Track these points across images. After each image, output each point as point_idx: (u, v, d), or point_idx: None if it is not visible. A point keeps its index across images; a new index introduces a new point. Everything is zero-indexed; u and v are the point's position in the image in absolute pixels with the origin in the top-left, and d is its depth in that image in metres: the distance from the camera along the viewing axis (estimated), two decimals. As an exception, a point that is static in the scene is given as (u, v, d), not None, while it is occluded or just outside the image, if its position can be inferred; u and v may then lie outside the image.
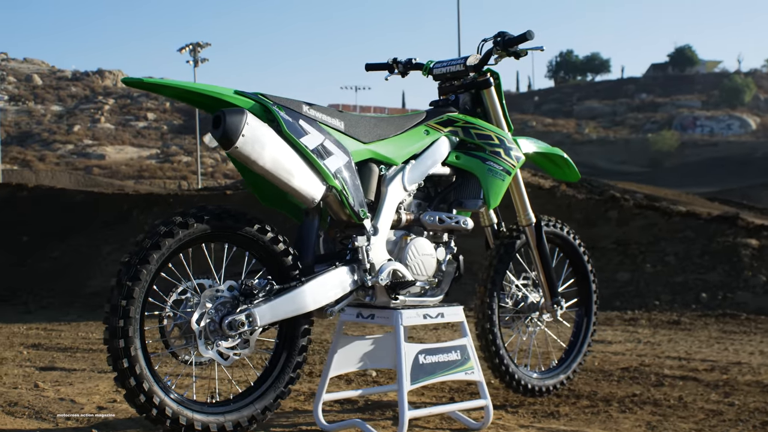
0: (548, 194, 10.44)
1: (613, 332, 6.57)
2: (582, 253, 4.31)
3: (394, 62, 4.00)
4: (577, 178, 4.30)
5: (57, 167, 69.56)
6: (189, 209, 2.97)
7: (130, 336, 2.80)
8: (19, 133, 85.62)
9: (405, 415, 3.22)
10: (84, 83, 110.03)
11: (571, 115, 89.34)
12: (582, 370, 4.86)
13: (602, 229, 9.55)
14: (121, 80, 2.90)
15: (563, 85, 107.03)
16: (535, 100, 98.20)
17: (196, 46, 54.05)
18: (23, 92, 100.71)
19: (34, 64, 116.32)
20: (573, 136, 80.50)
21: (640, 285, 8.44)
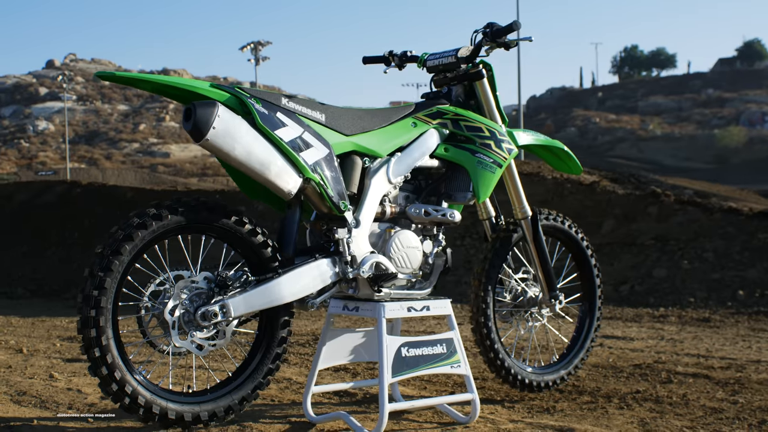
0: (588, 190, 10.31)
1: (638, 329, 6.46)
2: (585, 247, 4.25)
3: (390, 55, 3.99)
4: (579, 171, 4.23)
5: (123, 165, 71.01)
6: (164, 201, 3.01)
7: (101, 326, 2.84)
8: (87, 132, 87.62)
9: (385, 408, 3.21)
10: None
11: (636, 111, 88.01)
12: (593, 366, 4.80)
13: (641, 225, 9.39)
14: (95, 74, 2.94)
15: (628, 81, 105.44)
16: (599, 96, 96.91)
17: (258, 45, 54.65)
18: (91, 92, 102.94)
19: (101, 65, 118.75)
20: (637, 132, 79.33)
21: (676, 282, 8.28)
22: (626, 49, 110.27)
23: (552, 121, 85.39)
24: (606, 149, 73.78)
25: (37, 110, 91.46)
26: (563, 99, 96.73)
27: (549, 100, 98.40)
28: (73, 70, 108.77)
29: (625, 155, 69.48)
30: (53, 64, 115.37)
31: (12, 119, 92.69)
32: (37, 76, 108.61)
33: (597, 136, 79.20)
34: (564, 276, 4.27)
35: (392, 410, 3.42)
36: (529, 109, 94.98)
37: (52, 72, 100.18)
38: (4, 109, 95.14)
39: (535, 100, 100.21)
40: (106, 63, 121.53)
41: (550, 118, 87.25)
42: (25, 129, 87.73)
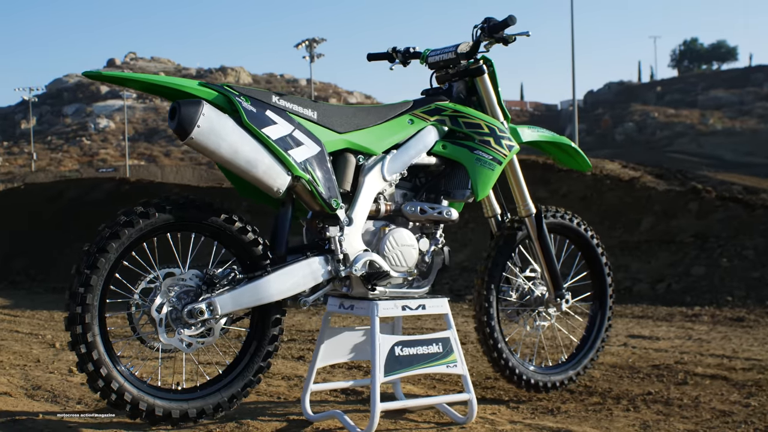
0: (627, 186, 10.14)
1: (667, 328, 6.33)
2: (595, 245, 4.16)
3: (393, 51, 3.96)
4: (588, 168, 4.16)
5: (181, 162, 72.07)
6: (152, 199, 3.03)
7: (87, 323, 2.87)
8: (146, 130, 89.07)
9: (376, 407, 3.19)
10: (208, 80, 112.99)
11: (695, 105, 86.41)
12: (610, 366, 4.72)
13: (681, 222, 9.21)
14: (82, 73, 2.97)
15: (687, 75, 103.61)
16: (658, 90, 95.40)
17: (312, 42, 54.97)
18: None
19: (160, 63, 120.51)
20: (697, 127, 77.94)
21: (715, 280, 8.10)
22: (686, 43, 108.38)
23: (609, 116, 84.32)
24: (665, 144, 72.61)
25: (98, 108, 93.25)
26: (621, 94, 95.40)
27: (606, 95, 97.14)
28: (133, 68, 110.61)
29: (684, 150, 68.31)
30: (114, 62, 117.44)
31: (74, 117, 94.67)
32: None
33: (655, 131, 77.99)
34: (573, 274, 4.18)
35: (387, 409, 3.40)
36: (586, 104, 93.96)
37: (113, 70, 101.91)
38: (67, 108, 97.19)
39: (593, 95, 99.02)
40: (165, 61, 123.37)
41: (608, 113, 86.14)
42: (87, 127, 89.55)
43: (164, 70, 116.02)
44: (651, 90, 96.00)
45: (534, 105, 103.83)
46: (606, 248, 7.02)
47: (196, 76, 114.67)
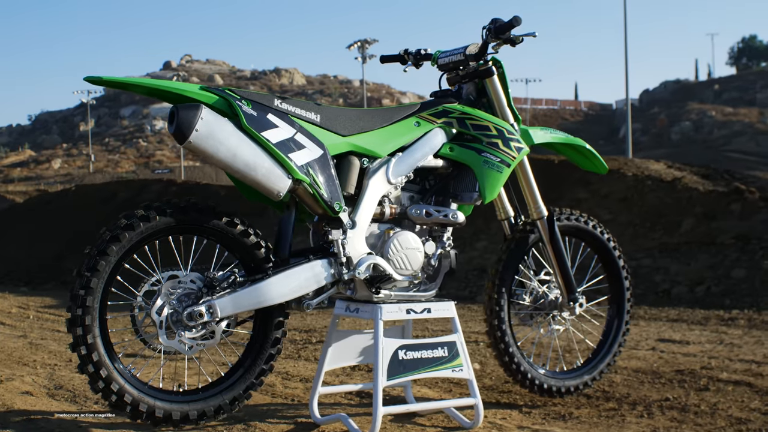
0: (669, 187, 9.97)
1: (700, 332, 6.21)
2: (612, 248, 4.09)
3: (405, 53, 3.95)
4: (604, 170, 4.09)
5: (235, 163, 72.51)
6: (154, 203, 3.06)
7: (87, 324, 2.91)
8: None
9: (378, 411, 3.18)
10: (262, 82, 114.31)
11: (754, 103, 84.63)
12: (633, 371, 4.64)
13: (722, 224, 9.03)
14: (83, 78, 3.00)
15: (746, 72, 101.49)
16: (715, 88, 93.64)
17: (364, 43, 55.13)
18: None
19: (215, 65, 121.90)
20: (755, 125, 76.31)
21: (755, 283, 7.93)
22: (744, 40, 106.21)
23: (666, 115, 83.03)
24: (722, 143, 71.25)
25: (154, 110, 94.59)
26: (677, 92, 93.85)
27: (663, 94, 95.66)
28: (189, 70, 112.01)
29: (742, 149, 66.94)
30: (170, 65, 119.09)
31: (131, 119, 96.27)
32: (155, 77, 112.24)
33: (713, 130, 76.55)
34: (590, 278, 4.11)
35: (389, 413, 3.40)
36: (641, 103, 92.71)
37: (169, 73, 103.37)
38: (124, 110, 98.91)
39: (648, 94, 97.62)
40: (220, 63, 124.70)
41: (664, 112, 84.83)
42: (143, 129, 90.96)
43: (219, 72, 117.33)
44: (708, 88, 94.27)
45: (588, 104, 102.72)
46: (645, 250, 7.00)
47: (250, 78, 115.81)
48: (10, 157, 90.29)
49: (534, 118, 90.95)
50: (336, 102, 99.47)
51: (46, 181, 64.46)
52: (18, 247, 16.64)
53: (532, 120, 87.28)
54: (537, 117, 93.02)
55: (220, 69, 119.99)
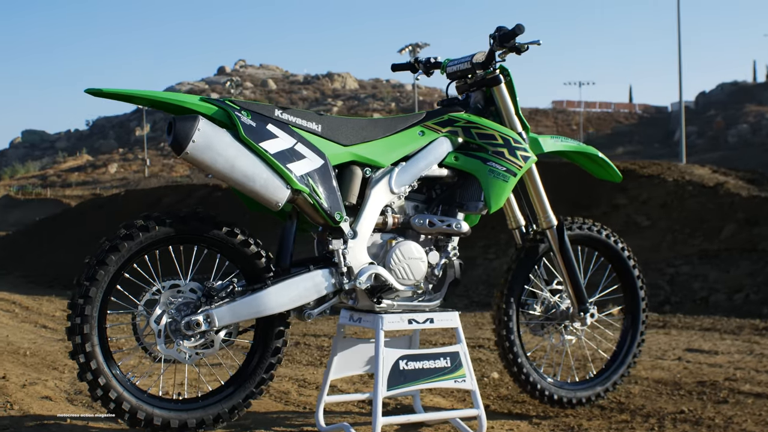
0: (711, 192, 9.79)
1: (732, 342, 6.08)
2: (627, 257, 4.02)
3: (415, 62, 3.94)
4: (618, 179, 4.03)
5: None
6: (154, 212, 3.09)
7: (85, 333, 2.95)
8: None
9: (377, 421, 3.17)
10: (314, 86, 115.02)
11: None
12: (654, 382, 4.57)
13: (764, 230, 8.84)
14: (84, 90, 3.04)
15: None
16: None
17: (416, 47, 55.16)
18: (258, 96, 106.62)
19: (269, 70, 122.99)
20: (817, 128, 74.60)
21: (797, 292, 7.75)
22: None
23: (722, 117, 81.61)
24: (780, 146, 69.76)
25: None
26: (735, 94, 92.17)
27: (719, 96, 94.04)
28: (242, 75, 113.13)
29: (801, 152, 65.46)
30: (224, 70, 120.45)
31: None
32: (209, 83, 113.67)
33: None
34: (602, 288, 4.05)
35: (389, 423, 3.39)
36: (697, 105, 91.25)
37: (223, 78, 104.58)
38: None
39: (705, 97, 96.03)
40: (273, 68, 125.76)
41: (721, 114, 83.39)
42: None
43: (272, 76, 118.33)
44: (766, 90, 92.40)
45: (643, 107, 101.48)
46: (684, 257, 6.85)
47: (303, 83, 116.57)
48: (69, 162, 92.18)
49: (587, 121, 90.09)
50: (388, 106, 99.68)
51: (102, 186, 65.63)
52: (67, 251, 16.96)
53: (586, 123, 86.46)
54: (590, 120, 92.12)
55: (273, 74, 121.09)
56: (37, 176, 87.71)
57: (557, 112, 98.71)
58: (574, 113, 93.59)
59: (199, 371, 3.67)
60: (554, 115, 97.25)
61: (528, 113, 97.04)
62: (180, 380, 4.17)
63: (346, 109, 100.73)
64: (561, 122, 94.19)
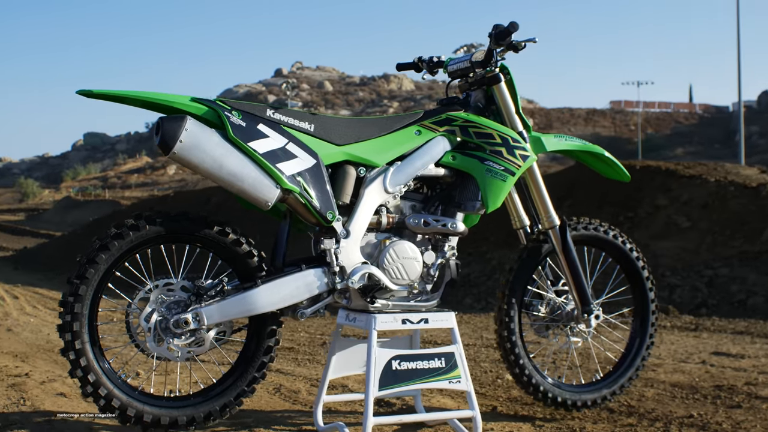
0: (753, 193, 9.57)
1: (761, 345, 5.94)
2: (636, 258, 3.94)
3: (419, 61, 3.92)
4: (627, 178, 3.94)
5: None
6: (145, 212, 3.13)
7: (75, 330, 2.99)
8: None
9: (369, 422, 3.15)
10: (371, 87, 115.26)
11: None
12: (671, 385, 4.49)
13: (807, 231, 8.61)
14: (75, 92, 3.08)
15: None
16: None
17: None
18: (315, 98, 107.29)
19: (325, 71, 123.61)
20: None
21: (838, 295, 7.53)
22: None
23: (786, 116, 79.75)
24: None
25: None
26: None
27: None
28: (299, 77, 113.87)
29: None
30: (281, 72, 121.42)
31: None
32: (266, 84, 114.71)
33: (837, 132, 73.11)
34: (611, 289, 3.98)
35: (379, 423, 3.38)
36: (760, 105, 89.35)
37: (280, 80, 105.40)
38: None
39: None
40: (330, 70, 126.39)
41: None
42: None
43: (329, 78, 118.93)
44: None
45: (704, 107, 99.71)
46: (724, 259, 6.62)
47: (359, 84, 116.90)
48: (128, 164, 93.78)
49: (646, 121, 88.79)
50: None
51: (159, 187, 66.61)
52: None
53: (644, 124, 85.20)
54: (649, 121, 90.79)
55: (329, 75, 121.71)
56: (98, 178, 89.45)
57: (615, 113, 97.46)
58: (633, 113, 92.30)
59: (191, 369, 3.69)
60: (612, 116, 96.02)
61: (585, 113, 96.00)
62: (183, 378, 4.21)
63: (402, 110, 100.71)
64: (619, 122, 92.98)
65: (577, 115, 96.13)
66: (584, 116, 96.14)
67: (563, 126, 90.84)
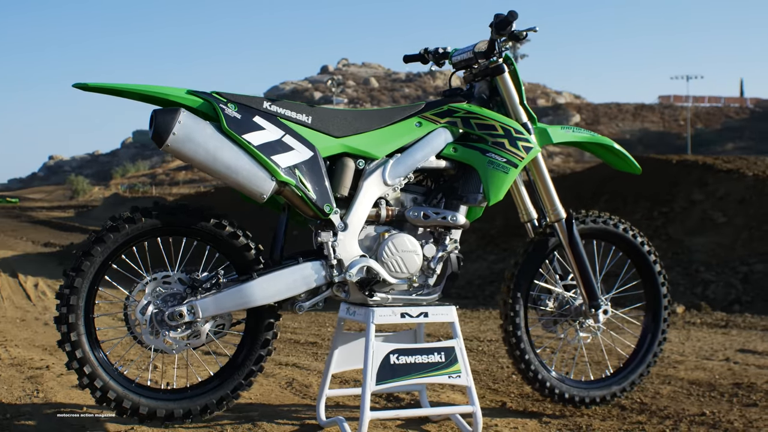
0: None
1: (791, 343, 5.79)
2: (647, 252, 3.86)
3: (425, 53, 3.87)
4: (638, 171, 3.86)
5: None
6: (142, 205, 3.13)
7: (71, 323, 3.01)
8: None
9: (365, 416, 3.13)
10: (417, 84, 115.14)
11: None
12: (689, 383, 4.40)
13: None
14: (72, 85, 3.09)
15: None
16: None
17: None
18: (361, 95, 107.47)
19: (371, 68, 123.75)
20: None
21: None
22: None
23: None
24: None
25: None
26: None
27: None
28: (345, 74, 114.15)
29: None
30: (327, 69, 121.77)
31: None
32: (312, 81, 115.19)
33: None
34: (622, 283, 3.90)
35: (377, 418, 3.37)
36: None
37: (326, 77, 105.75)
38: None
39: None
40: (375, 66, 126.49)
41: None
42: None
43: (374, 74, 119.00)
44: None
45: (755, 101, 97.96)
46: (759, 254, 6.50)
47: (405, 80, 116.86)
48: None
49: (695, 116, 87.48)
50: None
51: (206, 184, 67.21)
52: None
53: (694, 118, 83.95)
54: (699, 115, 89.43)
55: (375, 72, 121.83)
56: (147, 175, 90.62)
57: (664, 107, 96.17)
58: (682, 108, 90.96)
59: (188, 361, 3.70)
60: (660, 111, 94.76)
61: (633, 109, 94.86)
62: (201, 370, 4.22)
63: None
64: (668, 118, 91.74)
65: (625, 111, 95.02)
66: (632, 111, 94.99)
67: (611, 121, 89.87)
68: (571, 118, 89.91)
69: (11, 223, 36.90)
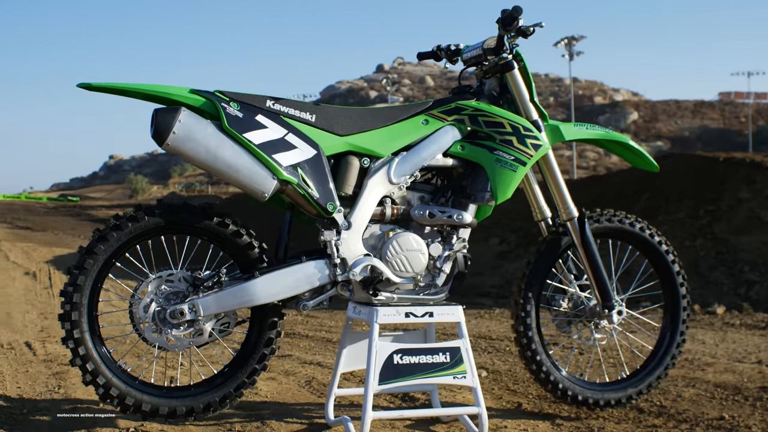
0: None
1: (830, 346, 5.62)
2: (665, 252, 3.77)
3: (438, 50, 3.83)
4: (655, 168, 3.78)
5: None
6: (146, 204, 3.15)
7: (74, 320, 3.04)
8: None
9: (367, 416, 3.11)
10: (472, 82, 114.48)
11: None
12: (714, 386, 4.29)
13: None
14: (76, 85, 3.12)
15: None
16: None
17: (571, 40, 54.07)
18: (416, 93, 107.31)
19: (426, 67, 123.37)
20: None
21: None
22: None
23: None
24: None
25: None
26: None
27: None
28: (400, 73, 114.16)
29: None
30: (383, 68, 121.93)
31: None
32: (368, 80, 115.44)
33: None
34: (638, 284, 3.81)
35: (379, 418, 3.35)
36: None
37: (381, 75, 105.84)
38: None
39: None
40: (431, 65, 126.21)
41: None
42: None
43: (430, 73, 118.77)
44: None
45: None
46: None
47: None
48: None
49: (757, 113, 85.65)
50: (546, 101, 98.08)
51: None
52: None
53: (755, 115, 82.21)
54: (761, 112, 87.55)
55: (430, 70, 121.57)
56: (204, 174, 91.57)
57: (724, 104, 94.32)
58: (743, 105, 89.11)
59: (191, 359, 3.72)
60: (721, 108, 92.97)
61: (692, 106, 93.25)
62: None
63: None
64: (728, 114, 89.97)
65: (684, 108, 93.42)
66: (692, 108, 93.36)
67: (669, 119, 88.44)
68: (628, 115, 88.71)
69: (71, 222, 37.59)
